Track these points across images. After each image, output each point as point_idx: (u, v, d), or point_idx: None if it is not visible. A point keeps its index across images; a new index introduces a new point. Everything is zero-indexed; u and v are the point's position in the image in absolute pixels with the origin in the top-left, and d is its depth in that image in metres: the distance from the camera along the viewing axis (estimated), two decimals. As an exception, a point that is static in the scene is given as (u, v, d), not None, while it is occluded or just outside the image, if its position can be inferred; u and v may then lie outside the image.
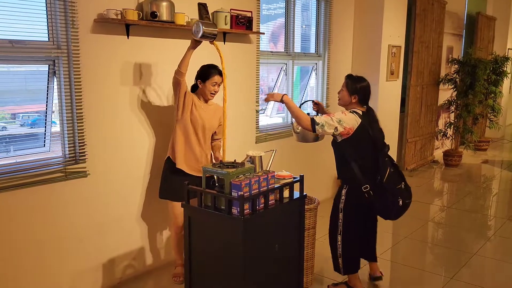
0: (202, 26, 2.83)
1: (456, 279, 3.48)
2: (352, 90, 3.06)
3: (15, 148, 2.85)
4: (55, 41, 2.85)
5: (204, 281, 2.63)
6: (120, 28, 3.12)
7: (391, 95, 5.72)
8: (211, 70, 3.14)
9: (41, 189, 2.83)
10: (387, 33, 5.39)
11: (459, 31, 8.18)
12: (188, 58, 2.97)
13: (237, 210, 2.37)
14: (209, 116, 3.21)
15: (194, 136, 3.14)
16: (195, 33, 2.87)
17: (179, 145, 3.12)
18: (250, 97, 4.22)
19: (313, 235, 3.30)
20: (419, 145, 7.03)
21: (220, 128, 3.32)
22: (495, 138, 9.54)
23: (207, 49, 3.21)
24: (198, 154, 3.19)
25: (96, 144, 3.08)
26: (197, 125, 3.14)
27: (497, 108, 7.72)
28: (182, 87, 3.03)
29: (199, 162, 3.18)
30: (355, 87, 3.05)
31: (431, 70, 7.06)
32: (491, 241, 4.27)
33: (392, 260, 3.85)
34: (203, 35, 2.84)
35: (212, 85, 3.14)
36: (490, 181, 6.69)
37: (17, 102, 2.95)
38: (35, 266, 2.87)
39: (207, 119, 3.19)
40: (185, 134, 3.13)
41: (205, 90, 3.15)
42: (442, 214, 5.09)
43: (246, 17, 3.85)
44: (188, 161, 3.15)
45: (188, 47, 2.96)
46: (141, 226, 3.48)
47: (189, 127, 3.11)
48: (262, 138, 4.41)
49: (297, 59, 4.82)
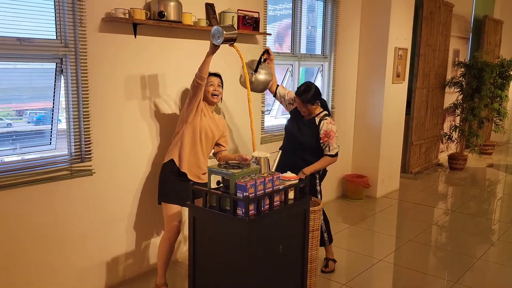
0: (223, 31, 2.79)
1: (460, 284, 3.47)
2: (312, 101, 3.33)
3: (21, 145, 2.86)
4: (62, 40, 2.86)
5: (208, 282, 2.63)
6: (128, 27, 3.12)
7: (396, 97, 5.70)
8: None
9: (46, 186, 2.84)
10: (393, 35, 5.38)
11: (465, 34, 8.15)
12: (209, 63, 2.94)
13: (242, 211, 2.37)
14: (214, 126, 3.19)
15: (199, 142, 3.12)
16: (215, 39, 2.83)
17: (186, 150, 3.08)
18: (256, 98, 4.22)
19: (317, 237, 3.29)
20: (424, 148, 7.01)
21: (224, 139, 3.32)
22: (500, 142, 9.50)
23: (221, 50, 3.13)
24: (201, 160, 3.16)
25: (102, 143, 3.09)
26: (203, 132, 3.11)
27: (503, 112, 7.69)
28: (201, 91, 3.02)
29: (201, 170, 3.15)
30: (311, 98, 3.31)
31: (437, 73, 7.04)
32: (495, 246, 4.25)
33: (395, 263, 3.84)
34: (225, 40, 2.81)
35: (209, 85, 3.11)
36: (494, 185, 6.67)
37: (22, 100, 2.96)
38: (39, 262, 2.88)
39: (211, 128, 3.17)
40: (193, 139, 3.09)
41: (206, 93, 3.13)
42: (446, 217, 5.07)
43: (253, 17, 3.85)
44: (190, 166, 3.12)
45: (208, 53, 2.92)
46: (146, 224, 3.48)
47: (197, 132, 3.08)
48: (268, 139, 4.41)
49: (303, 60, 4.81)
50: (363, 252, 4.02)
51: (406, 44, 5.68)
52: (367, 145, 5.63)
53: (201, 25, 3.44)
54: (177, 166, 3.09)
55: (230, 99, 3.90)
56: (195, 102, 3.03)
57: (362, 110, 5.63)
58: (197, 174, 3.14)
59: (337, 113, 5.35)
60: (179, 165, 3.09)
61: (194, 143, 3.10)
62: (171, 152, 3.14)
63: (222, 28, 2.79)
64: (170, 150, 3.17)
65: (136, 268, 3.47)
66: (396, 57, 5.49)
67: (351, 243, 4.27)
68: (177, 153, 3.10)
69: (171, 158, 3.11)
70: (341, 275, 3.57)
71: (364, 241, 4.35)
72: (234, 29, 2.88)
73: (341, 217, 4.98)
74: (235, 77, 3.52)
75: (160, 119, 3.43)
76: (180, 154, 3.09)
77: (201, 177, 3.15)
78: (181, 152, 3.09)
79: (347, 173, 5.68)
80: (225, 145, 3.33)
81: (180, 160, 3.09)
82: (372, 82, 5.49)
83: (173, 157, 3.10)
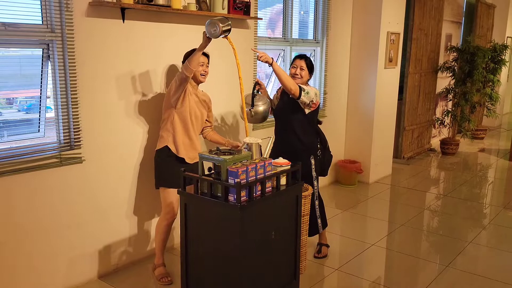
0: (219, 24, 2.77)
1: (451, 267, 3.49)
2: (311, 70, 3.42)
3: (9, 133, 2.82)
4: (49, 25, 2.79)
5: (201, 268, 2.62)
6: (116, 12, 3.06)
7: (389, 82, 5.69)
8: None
9: (35, 174, 2.81)
10: (386, 19, 5.34)
11: (458, 19, 8.13)
12: (199, 56, 2.95)
13: (233, 197, 2.36)
14: (200, 104, 3.20)
15: (191, 125, 3.12)
16: (211, 33, 2.80)
17: (180, 136, 3.09)
18: (247, 84, 4.18)
19: (307, 221, 3.30)
20: (416, 133, 7.02)
21: (210, 113, 3.34)
22: (492, 127, 9.55)
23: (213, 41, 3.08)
24: (195, 142, 3.18)
25: (91, 130, 3.05)
26: (192, 114, 3.12)
27: (495, 97, 7.71)
28: (187, 83, 3.00)
29: (197, 151, 3.16)
30: (312, 67, 3.44)
31: (429, 57, 7.02)
32: (486, 229, 4.28)
33: (388, 247, 3.86)
34: (222, 33, 2.79)
35: (200, 65, 3.09)
36: (486, 169, 6.71)
37: (11, 87, 2.90)
38: (30, 251, 2.86)
39: (199, 107, 3.18)
40: (185, 124, 3.10)
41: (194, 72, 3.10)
42: (438, 202, 5.10)
43: (243, 2, 3.79)
44: (187, 151, 3.13)
45: (200, 46, 2.90)
46: (137, 212, 3.46)
47: (187, 117, 3.09)
48: (259, 125, 4.38)
49: (295, 45, 4.77)
50: (355, 237, 4.03)
51: (399, 28, 5.64)
52: (360, 130, 5.63)
53: (190, 10, 3.38)
54: (174, 152, 3.10)
55: (223, 85, 3.87)
56: (181, 91, 3.01)
57: (355, 96, 5.61)
58: (195, 156, 3.16)
59: (329, 98, 5.32)
60: (176, 151, 3.10)
61: (186, 128, 3.12)
62: (164, 139, 3.13)
63: (219, 22, 2.77)
64: (162, 137, 3.15)
65: (129, 255, 3.46)
66: (389, 42, 5.45)
67: (344, 228, 4.28)
68: (171, 140, 3.11)
69: (166, 145, 3.11)
70: (333, 260, 3.58)
71: (356, 226, 4.37)
72: (228, 20, 2.87)
73: (334, 202, 4.99)
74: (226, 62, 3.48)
75: (150, 105, 3.39)
76: (174, 141, 3.10)
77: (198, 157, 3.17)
78: (175, 138, 3.09)
79: (340, 159, 5.68)
80: (210, 121, 3.37)
81: (176, 147, 3.10)
82: (365, 67, 5.46)
83: (168, 144, 3.11)
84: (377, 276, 3.41)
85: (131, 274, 3.35)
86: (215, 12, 3.57)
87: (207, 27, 2.82)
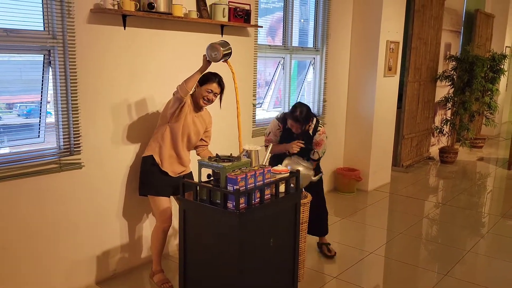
0: (220, 48, 2.80)
1: (450, 276, 3.49)
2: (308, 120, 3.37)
3: (9, 138, 2.83)
4: (50, 31, 2.81)
5: (199, 275, 2.62)
6: (117, 19, 3.08)
7: (388, 91, 5.71)
8: (212, 77, 3.07)
9: (35, 180, 2.81)
10: (385, 28, 5.37)
11: (457, 28, 8.17)
12: (197, 79, 2.94)
13: (232, 204, 2.36)
14: (198, 121, 3.17)
15: (181, 141, 3.10)
16: (212, 57, 2.83)
17: (167, 148, 3.07)
18: (247, 91, 4.20)
19: (305, 229, 3.30)
20: (415, 141, 7.04)
21: (207, 134, 3.30)
22: (490, 136, 9.57)
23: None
24: (184, 158, 3.16)
25: (91, 136, 3.06)
26: (185, 132, 3.10)
27: (494, 106, 7.73)
28: (183, 103, 2.99)
29: (183, 166, 3.17)
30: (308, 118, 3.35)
31: (428, 66, 7.05)
32: (485, 238, 4.28)
33: (386, 256, 3.86)
34: (222, 57, 2.83)
35: (207, 91, 3.05)
36: (485, 178, 6.71)
37: (12, 92, 2.91)
38: (29, 256, 2.85)
39: (196, 124, 3.15)
40: (174, 138, 3.08)
41: (199, 94, 3.07)
42: (436, 210, 5.10)
43: (244, 9, 3.82)
44: (172, 165, 3.12)
45: (200, 69, 2.92)
46: (136, 218, 3.46)
47: (179, 132, 3.06)
48: (259, 132, 4.40)
49: (295, 53, 4.80)
50: (354, 245, 4.03)
51: (398, 37, 5.67)
52: (359, 138, 5.64)
53: (191, 17, 3.40)
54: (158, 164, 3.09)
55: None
56: (176, 109, 3.00)
57: (354, 104, 5.63)
58: (180, 170, 3.16)
59: (328, 106, 5.34)
60: (160, 164, 3.09)
61: (175, 143, 3.10)
62: (152, 147, 3.12)
63: (219, 46, 2.81)
64: (150, 145, 3.15)
65: (128, 261, 3.45)
66: (388, 51, 5.48)
67: (343, 236, 4.28)
68: (157, 151, 3.10)
69: (151, 154, 3.10)
70: (332, 268, 3.58)
71: (355, 234, 4.36)
72: (228, 44, 2.91)
73: (333, 210, 4.99)
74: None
75: (148, 112, 3.40)
76: (160, 152, 3.09)
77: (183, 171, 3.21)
78: (161, 150, 3.08)
79: (339, 167, 5.69)
80: (207, 141, 3.33)
81: (161, 159, 3.09)
82: (364, 76, 5.49)
83: (153, 154, 3.10)
84: (376, 284, 3.41)
85: (130, 279, 3.35)
86: (216, 20, 3.60)
87: (208, 51, 2.85)
